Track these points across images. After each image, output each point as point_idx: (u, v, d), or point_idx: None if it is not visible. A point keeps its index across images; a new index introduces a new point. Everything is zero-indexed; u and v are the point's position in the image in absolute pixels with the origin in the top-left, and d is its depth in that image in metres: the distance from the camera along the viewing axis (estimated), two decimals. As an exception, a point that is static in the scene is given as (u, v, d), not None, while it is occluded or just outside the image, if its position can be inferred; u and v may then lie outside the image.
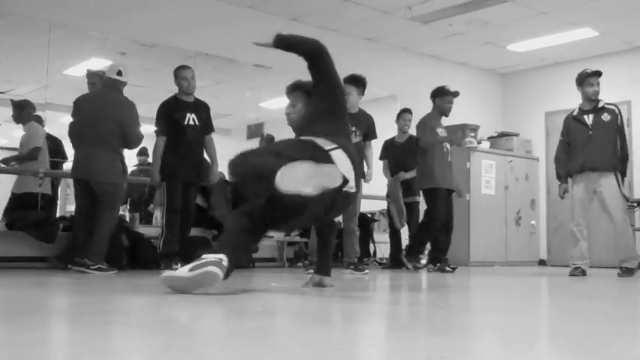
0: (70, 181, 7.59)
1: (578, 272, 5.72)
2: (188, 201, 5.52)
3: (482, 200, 8.56)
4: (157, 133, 5.46)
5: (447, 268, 6.12)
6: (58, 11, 6.23)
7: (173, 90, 5.57)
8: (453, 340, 1.81)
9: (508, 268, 7.68)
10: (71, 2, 6.31)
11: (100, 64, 7.18)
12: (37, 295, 3.25)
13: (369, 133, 5.80)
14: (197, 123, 5.47)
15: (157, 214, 7.33)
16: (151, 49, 6.88)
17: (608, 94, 7.01)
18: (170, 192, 5.38)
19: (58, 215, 6.47)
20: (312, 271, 5.44)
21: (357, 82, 5.64)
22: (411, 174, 6.93)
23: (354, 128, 5.65)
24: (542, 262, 9.11)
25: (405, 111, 7.24)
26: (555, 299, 3.74)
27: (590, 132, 5.74)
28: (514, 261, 8.57)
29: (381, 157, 7.22)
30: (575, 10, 7.35)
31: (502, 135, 9.24)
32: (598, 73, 5.83)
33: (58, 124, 7.52)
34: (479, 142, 8.83)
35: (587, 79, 5.80)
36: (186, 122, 5.41)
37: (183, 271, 2.90)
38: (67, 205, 7.81)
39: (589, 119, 5.80)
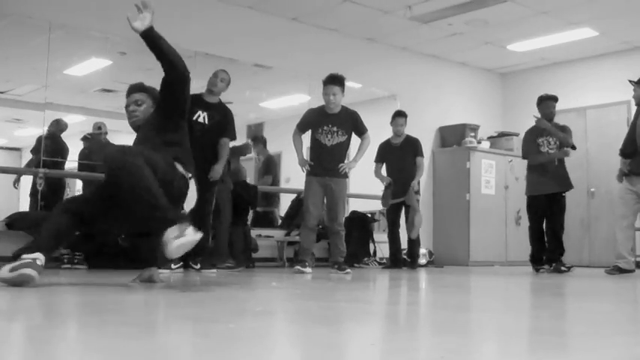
0: (70, 181, 7.63)
1: (611, 270, 5.95)
2: (201, 199, 5.44)
3: (482, 200, 8.56)
4: None
5: (563, 268, 6.30)
6: (58, 11, 6.22)
7: (173, 90, 5.57)
8: (453, 340, 1.81)
9: (508, 268, 7.68)
10: (71, 2, 6.31)
11: (100, 64, 7.19)
12: (38, 295, 3.25)
13: (358, 129, 5.75)
14: (207, 122, 5.42)
15: None
16: (151, 48, 6.87)
17: (607, 94, 7.04)
18: None
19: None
20: (299, 268, 5.48)
21: (341, 81, 5.61)
22: (417, 179, 6.90)
23: (335, 128, 5.64)
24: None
25: (398, 115, 7.07)
26: (555, 299, 3.74)
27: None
28: (514, 261, 8.56)
29: (377, 160, 7.07)
30: (575, 10, 7.35)
31: (502, 135, 9.24)
32: (638, 82, 6.05)
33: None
34: (479, 142, 8.83)
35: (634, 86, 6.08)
36: (194, 118, 5.33)
37: (4, 271, 3.17)
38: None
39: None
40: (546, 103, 6.60)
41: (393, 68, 8.64)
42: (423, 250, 7.41)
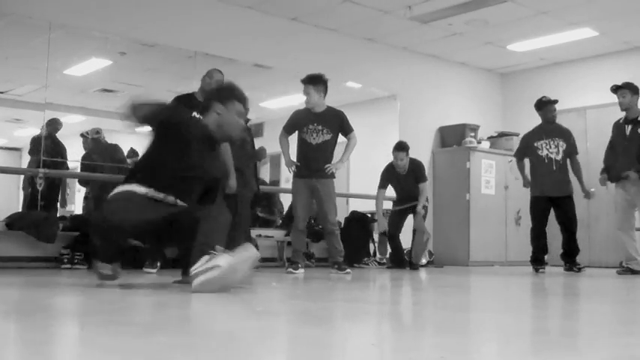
0: (70, 181, 7.62)
1: (623, 271, 6.05)
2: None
3: (482, 200, 8.56)
4: None
5: (574, 268, 6.42)
6: (58, 11, 6.22)
7: (172, 89, 5.57)
8: (453, 340, 1.81)
9: (508, 268, 7.68)
10: (71, 2, 6.30)
11: (100, 64, 7.19)
12: (38, 295, 3.25)
13: (344, 128, 5.73)
14: None
15: None
16: (150, 49, 6.88)
17: (607, 94, 7.02)
18: None
19: (58, 215, 6.47)
20: (291, 270, 5.51)
21: (315, 80, 5.59)
22: (423, 202, 6.87)
23: (320, 127, 5.64)
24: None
25: (400, 149, 6.87)
26: (555, 299, 3.74)
27: (626, 143, 6.06)
28: (514, 261, 8.56)
29: (381, 186, 6.90)
30: (575, 10, 7.35)
31: (502, 135, 9.23)
32: (623, 86, 6.13)
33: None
34: (479, 142, 8.83)
35: (617, 93, 6.15)
36: None
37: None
38: (67, 205, 7.81)
39: (627, 129, 6.11)
40: (547, 107, 6.63)
41: (393, 68, 8.64)
42: (423, 250, 7.40)
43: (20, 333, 1.82)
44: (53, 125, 6.63)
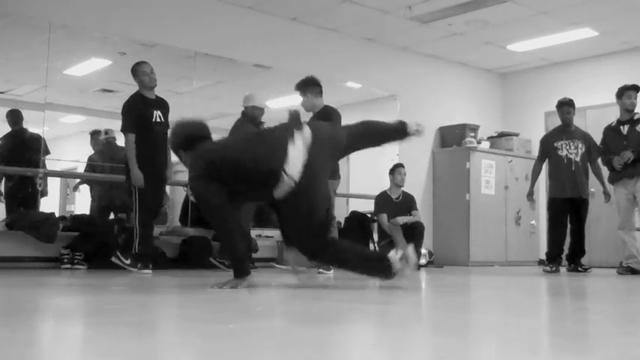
0: (70, 181, 7.62)
1: (624, 271, 6.06)
2: (160, 199, 5.55)
3: (482, 200, 8.56)
4: (126, 130, 5.27)
5: (580, 269, 6.49)
6: (58, 11, 6.22)
7: (172, 89, 5.56)
8: (453, 340, 1.81)
9: (508, 268, 7.69)
10: (71, 2, 6.30)
11: (100, 64, 7.20)
12: (37, 295, 3.25)
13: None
14: (162, 120, 5.38)
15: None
16: (151, 49, 6.87)
17: (607, 94, 7.04)
18: (142, 192, 5.21)
19: (58, 215, 6.47)
20: (285, 268, 5.54)
21: (300, 87, 5.59)
22: (408, 219, 6.90)
23: None
24: (542, 262, 9.07)
25: (400, 165, 7.16)
26: (555, 299, 3.74)
27: (625, 142, 6.12)
28: (514, 261, 8.56)
29: (379, 212, 7.04)
30: (575, 10, 7.34)
31: (502, 135, 9.23)
32: (636, 88, 6.25)
33: (59, 124, 7.53)
34: (479, 142, 8.82)
35: (626, 92, 6.22)
36: (154, 119, 5.30)
37: None
38: (67, 205, 7.81)
39: (624, 129, 6.19)
40: (562, 108, 6.69)
41: (393, 68, 8.63)
42: (423, 250, 7.40)
43: (20, 333, 1.82)
44: (13, 118, 6.49)
